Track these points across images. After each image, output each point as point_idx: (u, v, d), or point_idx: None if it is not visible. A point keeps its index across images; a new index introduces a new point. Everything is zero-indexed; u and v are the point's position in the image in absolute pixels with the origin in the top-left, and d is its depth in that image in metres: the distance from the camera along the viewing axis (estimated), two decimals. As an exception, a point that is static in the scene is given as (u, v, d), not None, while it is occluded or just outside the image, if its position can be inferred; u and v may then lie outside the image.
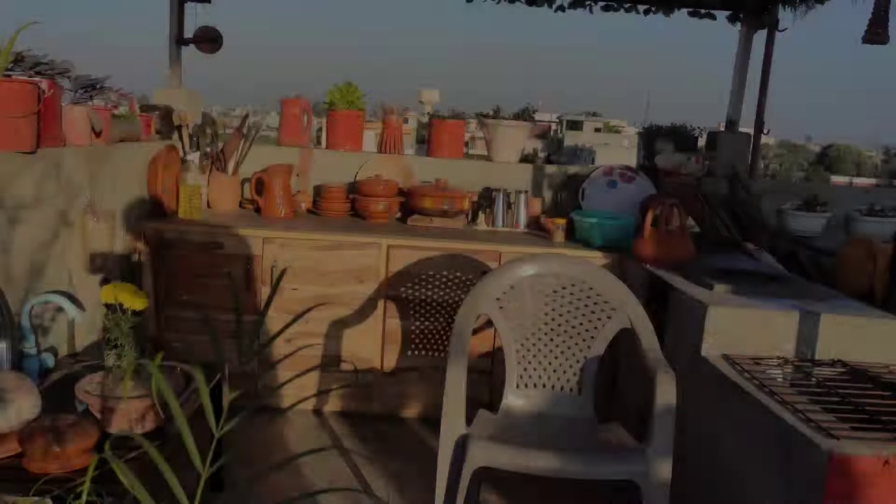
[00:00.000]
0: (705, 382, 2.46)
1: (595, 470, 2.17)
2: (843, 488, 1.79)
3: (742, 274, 2.99)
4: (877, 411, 2.03)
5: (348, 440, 3.34)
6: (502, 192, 3.97)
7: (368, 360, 3.53)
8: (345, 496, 2.83)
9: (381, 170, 4.14)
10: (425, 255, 3.47)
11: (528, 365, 2.73)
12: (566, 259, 2.77)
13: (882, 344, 2.50)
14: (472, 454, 2.18)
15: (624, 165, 4.23)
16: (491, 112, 4.25)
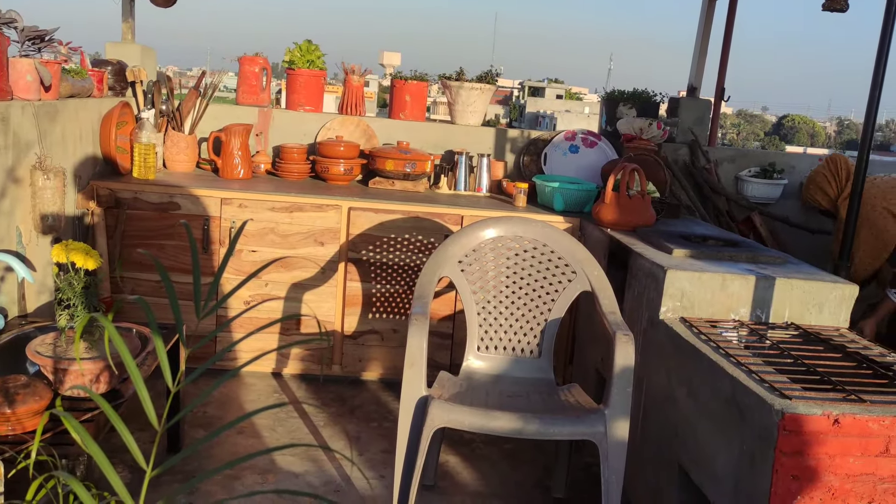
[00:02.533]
0: (663, 344, 2.50)
1: (554, 430, 2.19)
2: (795, 446, 1.84)
3: (700, 239, 3.03)
4: (828, 372, 2.08)
5: (308, 403, 3.33)
6: (465, 156, 3.95)
7: (329, 323, 3.51)
8: (303, 456, 2.83)
9: (342, 131, 4.08)
10: (387, 218, 3.44)
11: (489, 328, 2.74)
12: (528, 222, 2.77)
13: (833, 307, 2.56)
14: (432, 415, 2.18)
15: (586, 130, 4.23)
16: (454, 74, 4.20)
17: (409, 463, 2.26)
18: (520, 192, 3.69)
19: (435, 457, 2.69)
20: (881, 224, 3.38)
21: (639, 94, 4.34)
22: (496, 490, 2.73)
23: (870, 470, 1.86)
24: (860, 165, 3.27)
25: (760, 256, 2.80)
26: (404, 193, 3.73)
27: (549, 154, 4.11)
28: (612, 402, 2.24)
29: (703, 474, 2.20)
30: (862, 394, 1.93)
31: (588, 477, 2.86)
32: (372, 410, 3.30)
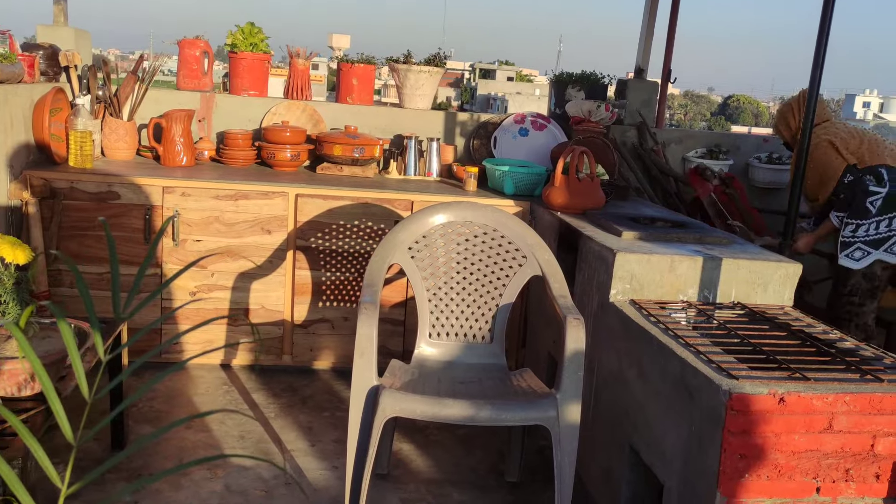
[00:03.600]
0: (614, 327, 2.51)
1: (506, 416, 2.19)
2: (742, 425, 1.86)
3: (649, 220, 3.05)
4: (773, 351, 2.11)
5: (258, 394, 3.27)
6: (414, 140, 3.91)
7: (278, 313, 3.45)
8: (253, 449, 2.78)
9: (289, 116, 3.99)
10: (335, 205, 3.39)
11: (440, 314, 2.72)
12: (478, 207, 2.75)
13: (778, 286, 2.60)
14: (383, 405, 2.15)
15: (536, 113, 4.22)
16: (402, 57, 4.15)
17: (361, 453, 2.23)
18: (470, 176, 3.66)
19: (388, 445, 2.66)
20: (824, 158, 3.45)
21: (587, 76, 4.35)
22: (450, 476, 2.72)
23: (814, 446, 1.90)
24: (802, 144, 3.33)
25: (707, 237, 2.82)
26: (353, 179, 3.67)
27: (498, 137, 4.09)
28: (564, 387, 2.24)
29: (654, 454, 2.22)
30: (806, 371, 1.96)
31: (542, 460, 2.87)
32: (324, 400, 3.26)
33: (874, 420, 1.89)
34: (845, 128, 3.52)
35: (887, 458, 1.92)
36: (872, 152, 3.41)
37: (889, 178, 3.32)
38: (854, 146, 3.44)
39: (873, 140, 3.48)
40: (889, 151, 3.44)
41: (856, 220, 3.37)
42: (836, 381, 1.93)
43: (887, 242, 3.32)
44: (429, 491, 2.61)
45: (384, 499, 2.53)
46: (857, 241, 3.35)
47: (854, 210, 3.38)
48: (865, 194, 3.35)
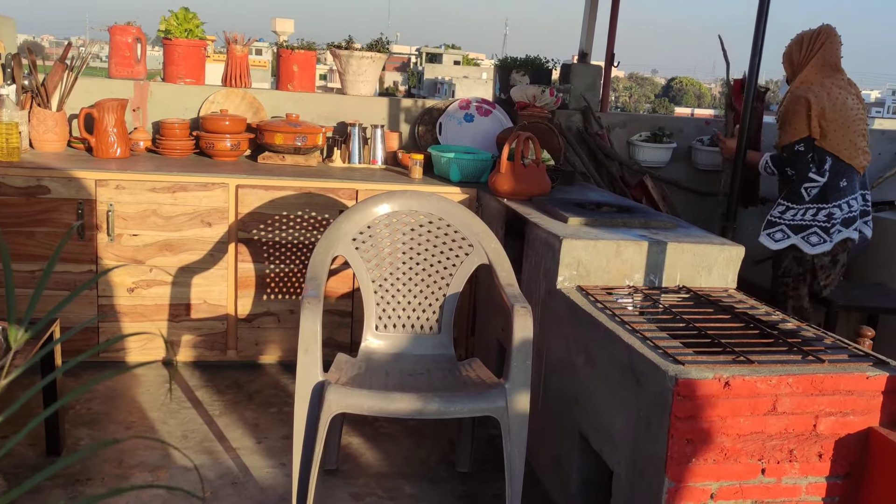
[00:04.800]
0: (561, 314, 2.50)
1: (454, 409, 2.16)
2: (688, 411, 1.87)
3: (594, 205, 3.05)
4: (718, 335, 2.12)
5: (202, 391, 3.18)
6: (358, 127, 3.83)
7: (221, 307, 3.36)
8: (197, 449, 2.70)
9: (227, 104, 3.88)
10: (278, 195, 3.30)
11: (386, 306, 2.67)
12: (422, 196, 2.71)
13: (722, 269, 2.62)
14: (329, 402, 2.11)
15: (480, 98, 4.19)
16: (343, 43, 4.06)
17: (308, 451, 2.18)
18: (415, 163, 3.61)
19: (336, 440, 2.62)
20: (791, 110, 3.35)
21: (531, 60, 4.32)
22: (400, 469, 2.69)
23: (759, 428, 1.92)
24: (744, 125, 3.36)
25: (653, 222, 2.83)
26: (296, 168, 3.59)
27: (444, 124, 4.05)
28: (512, 376, 2.22)
29: (603, 440, 2.22)
30: (750, 354, 1.97)
31: (492, 449, 2.86)
32: (271, 395, 3.19)
33: (816, 401, 1.92)
34: (834, 100, 3.38)
35: (829, 438, 1.95)
36: (838, 134, 3.35)
37: (831, 169, 3.35)
38: (829, 118, 3.34)
39: (850, 124, 3.38)
40: (853, 143, 3.41)
41: (787, 202, 3.43)
42: (779, 364, 1.95)
43: (806, 231, 3.38)
44: (379, 485, 2.57)
45: (333, 495, 2.49)
46: (783, 223, 3.40)
47: (789, 193, 3.43)
48: (803, 180, 3.41)
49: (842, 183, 3.37)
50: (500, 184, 3.17)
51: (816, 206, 3.37)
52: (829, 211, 3.36)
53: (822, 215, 3.37)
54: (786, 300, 3.49)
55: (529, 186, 3.17)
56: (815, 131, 3.35)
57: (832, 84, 3.40)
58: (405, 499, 2.51)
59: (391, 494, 2.52)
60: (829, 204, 3.36)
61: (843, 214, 3.39)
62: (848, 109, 3.38)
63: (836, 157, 3.35)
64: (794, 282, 3.47)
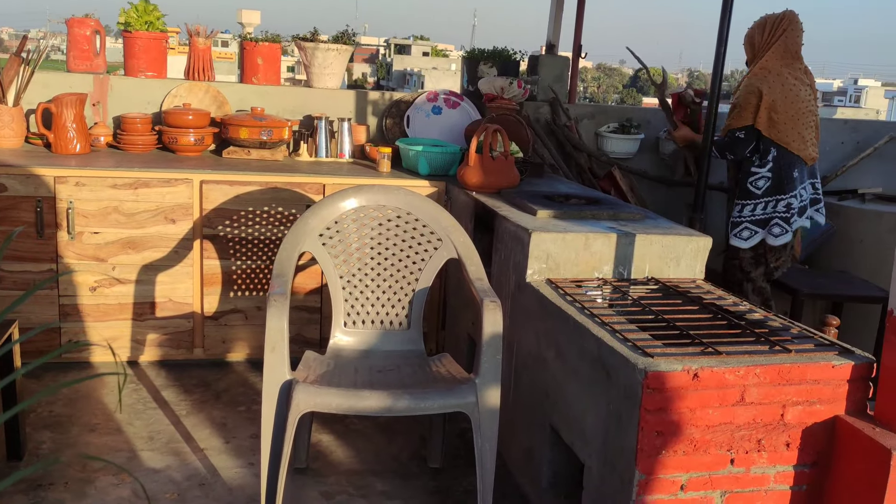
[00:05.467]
0: (531, 307, 2.49)
1: (424, 405, 2.14)
2: (658, 403, 1.87)
3: (563, 198, 3.04)
4: (687, 326, 2.13)
5: (169, 391, 3.12)
6: (324, 121, 3.79)
7: (187, 305, 3.30)
8: (164, 450, 2.65)
9: (190, 98, 3.81)
10: (243, 190, 3.25)
11: (355, 302, 2.64)
12: (390, 190, 2.68)
13: (690, 260, 2.63)
14: (297, 401, 2.07)
15: (448, 91, 4.16)
16: (308, 35, 4.00)
17: (277, 451, 2.15)
18: (383, 156, 3.58)
19: (306, 438, 2.59)
20: (744, 99, 3.40)
21: (499, 52, 4.30)
22: (372, 466, 2.66)
23: (727, 419, 1.92)
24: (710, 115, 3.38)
25: (621, 213, 2.83)
26: (261, 163, 3.54)
27: (411, 116, 4.01)
28: (483, 371, 2.21)
29: (574, 434, 2.22)
30: (718, 346, 1.98)
31: (464, 443, 2.85)
32: (239, 394, 3.14)
33: (783, 390, 1.93)
34: (787, 91, 3.42)
35: (796, 427, 1.96)
36: (788, 126, 3.40)
37: (778, 160, 3.42)
38: (780, 109, 3.39)
39: (800, 116, 3.43)
40: (801, 135, 3.44)
41: (742, 200, 3.52)
42: (747, 354, 1.96)
43: (769, 224, 3.46)
44: (350, 482, 2.55)
45: (304, 494, 2.46)
46: (745, 220, 3.49)
47: (741, 192, 3.53)
48: (747, 175, 3.49)
49: (794, 173, 3.44)
50: (468, 177, 3.15)
51: (774, 198, 3.45)
52: (787, 201, 3.44)
53: (781, 206, 3.44)
54: (740, 284, 3.57)
55: (498, 179, 3.16)
56: (763, 123, 3.41)
57: (789, 73, 3.45)
58: (376, 496, 2.49)
59: (362, 492, 2.50)
60: (786, 195, 3.44)
61: (799, 204, 3.47)
62: (800, 101, 3.43)
63: (783, 149, 3.42)
64: (747, 267, 3.56)
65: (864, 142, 4.62)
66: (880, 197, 4.36)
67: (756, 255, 3.52)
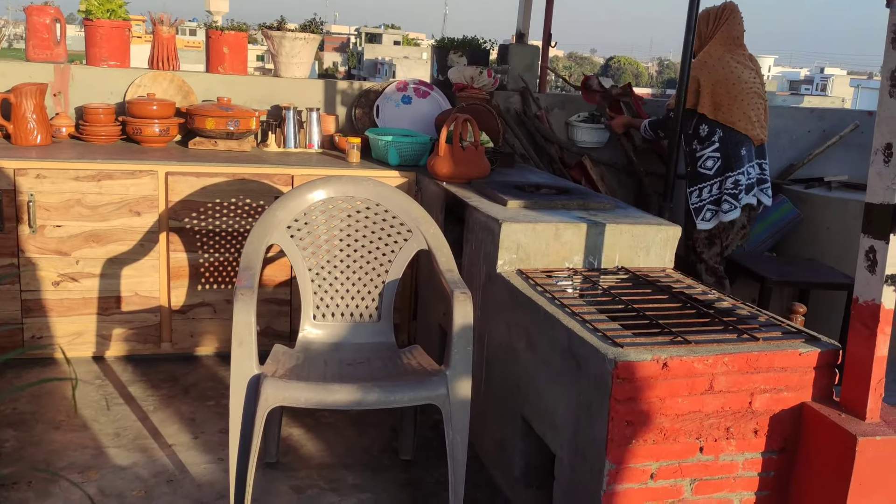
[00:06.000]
0: (502, 298, 2.49)
1: (395, 398, 2.12)
2: (628, 393, 1.87)
3: (534, 188, 3.04)
4: (656, 316, 2.13)
5: (136, 386, 3.07)
6: (293, 111, 3.74)
7: (153, 299, 3.24)
8: (130, 447, 2.61)
9: (155, 88, 3.74)
10: (210, 182, 3.20)
11: (324, 294, 2.61)
12: (359, 181, 2.65)
13: (659, 249, 2.64)
14: (265, 395, 2.05)
15: (418, 80, 4.13)
16: (275, 23, 3.94)
17: (245, 446, 2.12)
18: (352, 147, 3.54)
19: (276, 432, 2.56)
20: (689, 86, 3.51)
21: (469, 41, 4.28)
22: (343, 459, 2.64)
23: (696, 408, 1.93)
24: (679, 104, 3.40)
25: (591, 203, 2.83)
26: (229, 154, 3.48)
27: (381, 106, 3.98)
28: (453, 363, 2.20)
29: (545, 425, 2.22)
30: (687, 335, 1.99)
31: (436, 435, 2.83)
32: (208, 388, 3.10)
33: (751, 378, 1.95)
34: (729, 73, 3.52)
35: (764, 414, 1.98)
36: (733, 107, 3.52)
37: (725, 140, 3.52)
38: (722, 91, 3.51)
39: (744, 96, 3.53)
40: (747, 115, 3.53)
41: (696, 185, 3.62)
42: (716, 343, 1.97)
43: (720, 202, 3.56)
44: (321, 476, 2.53)
45: (274, 489, 2.43)
46: (704, 203, 3.59)
47: (691, 178, 3.64)
48: (696, 159, 3.60)
49: (742, 151, 3.54)
50: (438, 167, 3.13)
51: (724, 177, 3.55)
52: (734, 178, 3.54)
53: (729, 183, 3.55)
54: (695, 264, 3.67)
55: (468, 169, 3.14)
56: (706, 107, 3.53)
57: (731, 58, 3.58)
58: (347, 489, 2.47)
59: (333, 486, 2.48)
60: (734, 172, 3.55)
61: (746, 181, 3.57)
62: (742, 83, 3.55)
63: (729, 129, 3.53)
64: (701, 247, 3.66)
65: (830, 130, 4.68)
66: (846, 184, 4.42)
67: (710, 235, 3.62)
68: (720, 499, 2.02)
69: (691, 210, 3.63)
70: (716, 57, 3.56)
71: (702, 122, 3.56)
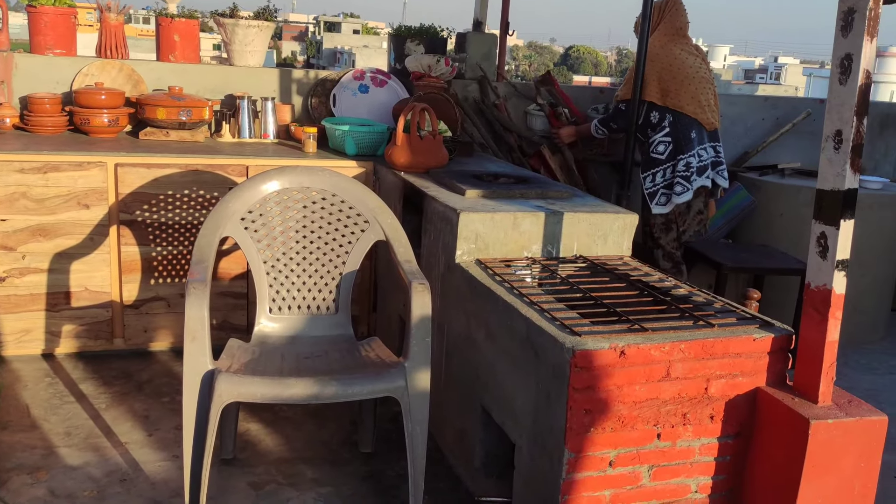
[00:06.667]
0: (461, 288, 2.47)
1: (352, 391, 2.10)
2: (586, 381, 1.87)
3: (492, 177, 3.02)
4: (614, 304, 2.14)
5: (87, 384, 3.00)
6: (247, 100, 3.66)
7: (105, 294, 3.16)
8: (82, 446, 2.54)
9: (103, 77, 3.63)
10: (162, 173, 3.12)
11: (280, 287, 2.57)
12: (314, 171, 2.60)
13: (617, 237, 2.65)
14: (219, 391, 2.00)
15: (375, 69, 4.08)
16: (228, 11, 3.86)
17: (200, 443, 2.08)
18: (309, 136, 3.49)
19: (233, 428, 2.51)
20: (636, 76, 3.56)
21: (426, 29, 4.24)
22: (301, 453, 2.61)
23: (653, 395, 1.94)
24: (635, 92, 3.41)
25: (549, 192, 2.83)
26: (181, 144, 3.40)
27: (337, 95, 3.92)
28: (412, 355, 2.18)
29: (505, 414, 2.22)
30: (644, 322, 1.99)
31: (397, 427, 2.81)
32: (163, 384, 3.04)
33: (707, 364, 1.96)
34: (673, 59, 3.59)
35: (720, 400, 2.00)
36: (681, 92, 3.57)
37: (675, 125, 3.56)
38: (668, 77, 3.57)
39: (691, 81, 3.58)
40: (696, 99, 3.58)
41: (649, 171, 3.65)
42: (673, 330, 1.98)
43: (673, 184, 3.61)
44: (279, 471, 2.49)
45: (231, 485, 2.39)
46: (658, 187, 3.64)
47: (644, 164, 3.68)
48: (647, 145, 3.64)
49: (692, 134, 3.60)
50: (396, 156, 3.10)
51: (675, 160, 3.60)
52: (686, 161, 3.59)
53: (681, 166, 3.60)
54: (652, 249, 3.71)
55: (426, 159, 3.11)
56: (655, 95, 3.59)
57: (675, 46, 3.65)
58: (307, 483, 2.44)
59: (292, 480, 2.45)
60: (685, 154, 3.59)
61: (697, 163, 3.61)
62: (688, 68, 3.61)
63: (679, 113, 3.58)
64: (658, 232, 3.69)
65: (784, 118, 4.75)
66: (799, 171, 4.49)
67: (667, 220, 3.66)
68: (678, 484, 2.04)
69: (646, 195, 3.65)
70: (659, 46, 3.62)
71: (651, 110, 3.60)
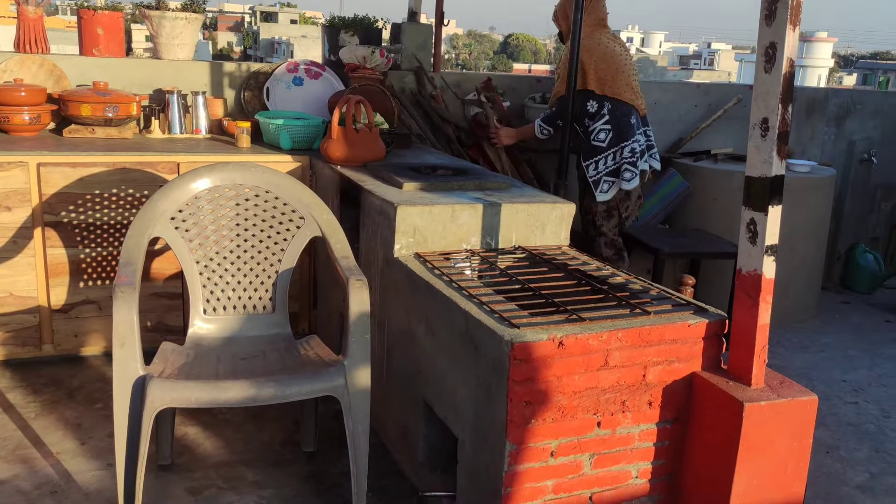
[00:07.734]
0: (400, 283, 2.45)
1: (291, 391, 2.06)
2: (525, 373, 1.88)
3: (430, 169, 3.00)
4: (552, 294, 2.15)
5: (15, 393, 2.88)
6: (177, 95, 3.56)
7: (31, 299, 3.04)
8: (10, 458, 2.44)
9: (23, 73, 3.48)
10: (88, 173, 3.01)
11: (214, 287, 2.50)
12: (246, 168, 2.54)
13: (554, 227, 2.66)
14: (151, 397, 1.94)
15: (309, 61, 4.01)
16: (153, 3, 3.74)
17: (133, 451, 2.01)
18: (242, 131, 3.41)
19: (169, 433, 2.45)
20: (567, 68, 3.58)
21: (360, 20, 4.19)
22: (242, 455, 2.56)
23: (593, 384, 1.96)
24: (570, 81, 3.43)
25: (487, 183, 2.82)
26: (108, 142, 3.28)
27: (271, 88, 3.84)
28: (351, 352, 2.15)
29: (446, 408, 2.21)
30: (582, 312, 2.01)
31: (339, 425, 2.74)
32: (95, 390, 2.94)
33: (644, 352, 1.99)
34: (604, 49, 3.64)
35: (657, 386, 2.03)
36: (616, 80, 3.61)
37: (614, 112, 3.60)
38: (602, 66, 3.61)
39: (622, 69, 3.65)
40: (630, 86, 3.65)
41: (592, 158, 3.67)
42: (610, 319, 1.99)
43: (620, 171, 3.64)
44: (219, 475, 2.44)
45: (168, 492, 2.33)
46: (601, 175, 3.66)
47: (586, 153, 3.68)
48: (588, 133, 3.66)
49: (632, 121, 3.65)
50: (332, 150, 3.05)
51: (620, 147, 3.63)
52: (630, 147, 3.64)
53: (626, 152, 3.63)
54: (594, 238, 3.73)
55: (363, 152, 3.07)
56: (594, 83, 3.62)
57: (600, 35, 3.70)
58: (247, 486, 2.39)
59: (232, 484, 2.39)
60: (628, 141, 3.63)
61: (640, 148, 3.68)
62: (617, 56, 3.67)
63: (617, 101, 3.62)
64: (599, 220, 3.72)
65: (716, 104, 4.84)
66: (731, 156, 4.59)
67: (609, 207, 3.68)
68: (619, 471, 2.06)
69: (590, 183, 3.66)
70: (587, 36, 3.65)
71: (589, 99, 3.62)
